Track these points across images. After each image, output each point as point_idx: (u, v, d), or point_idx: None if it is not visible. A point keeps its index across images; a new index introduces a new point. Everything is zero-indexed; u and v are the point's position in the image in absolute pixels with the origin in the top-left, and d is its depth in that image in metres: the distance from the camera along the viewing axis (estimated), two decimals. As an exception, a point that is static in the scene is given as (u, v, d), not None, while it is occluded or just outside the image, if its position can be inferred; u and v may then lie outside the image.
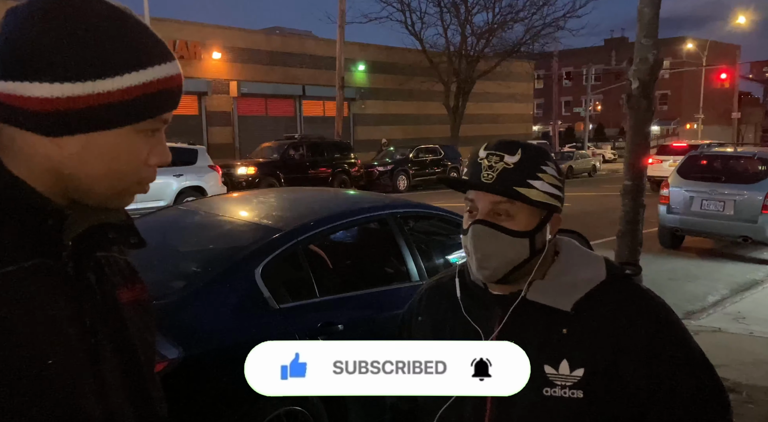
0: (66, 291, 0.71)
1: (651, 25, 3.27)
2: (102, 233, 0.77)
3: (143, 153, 0.74)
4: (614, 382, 1.00)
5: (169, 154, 0.77)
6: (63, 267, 0.72)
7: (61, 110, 0.67)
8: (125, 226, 0.81)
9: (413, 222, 3.93)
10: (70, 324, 0.70)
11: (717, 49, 46.08)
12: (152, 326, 0.87)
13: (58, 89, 0.66)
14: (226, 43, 22.12)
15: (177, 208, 4.44)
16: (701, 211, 8.49)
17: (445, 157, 21.39)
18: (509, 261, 1.03)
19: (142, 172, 0.75)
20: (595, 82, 44.74)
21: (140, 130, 0.72)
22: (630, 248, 3.38)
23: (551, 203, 1.05)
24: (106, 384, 0.73)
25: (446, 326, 1.14)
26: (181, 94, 0.76)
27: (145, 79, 0.70)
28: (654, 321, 1.04)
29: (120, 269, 0.83)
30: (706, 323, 5.33)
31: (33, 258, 0.68)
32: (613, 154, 39.02)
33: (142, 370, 0.80)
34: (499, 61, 27.02)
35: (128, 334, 0.79)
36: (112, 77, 0.68)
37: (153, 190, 3.59)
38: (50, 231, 0.71)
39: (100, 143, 0.70)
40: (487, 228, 1.03)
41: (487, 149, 1.05)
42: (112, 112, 0.69)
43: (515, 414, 1.02)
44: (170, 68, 0.74)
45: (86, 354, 0.71)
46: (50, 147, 0.69)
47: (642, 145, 3.40)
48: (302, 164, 17.10)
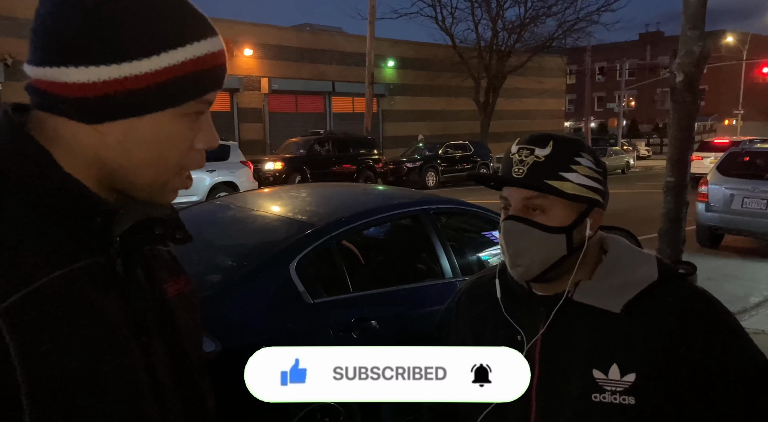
0: (117, 289, 0.69)
1: (697, 15, 3.16)
2: (149, 228, 0.75)
3: (188, 137, 0.70)
4: (669, 389, 0.94)
5: (217, 137, 0.74)
6: (112, 265, 0.70)
7: (100, 95, 0.64)
8: (171, 221, 0.79)
9: (445, 219, 3.89)
10: (124, 323, 0.69)
11: (758, 42, 44.59)
12: (197, 318, 0.85)
13: (95, 73, 0.64)
14: (257, 40, 22.33)
15: (211, 203, 4.48)
16: (742, 209, 8.23)
17: (475, 153, 21.22)
18: (544, 258, 0.99)
19: (189, 158, 0.72)
20: (629, 77, 43.76)
21: (184, 113, 0.69)
22: (673, 246, 3.28)
23: (590, 196, 1.00)
24: (159, 380, 0.72)
25: (487, 328, 1.10)
26: (225, 72, 0.72)
27: (185, 58, 0.67)
28: (711, 324, 0.98)
29: (165, 263, 0.81)
30: (747, 325, 5.17)
31: (85, 258, 0.66)
32: (647, 150, 38.16)
33: (191, 364, 0.79)
34: (530, 56, 26.63)
35: (177, 329, 0.78)
36: (149, 57, 0.65)
37: (187, 184, 3.49)
38: (99, 228, 0.69)
39: (142, 129, 0.67)
40: (519, 223, 0.99)
41: (518, 144, 1.02)
42: (152, 95, 0.66)
43: (562, 420, 0.98)
44: (212, 44, 0.69)
45: (140, 352, 0.70)
46: (93, 135, 0.67)
47: (686, 140, 3.29)
48: (328, 160, 17.20)
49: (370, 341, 2.89)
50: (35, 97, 0.68)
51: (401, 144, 24.50)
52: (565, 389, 0.98)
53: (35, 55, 0.67)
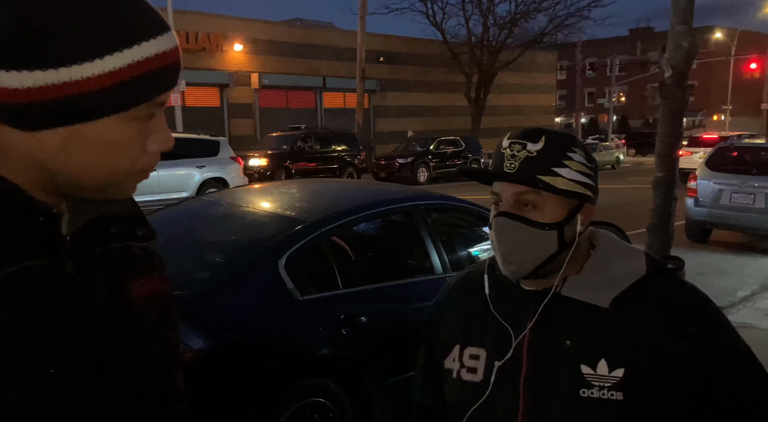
0: (64, 292, 0.65)
1: (686, 11, 3.16)
2: (103, 226, 0.71)
3: (138, 141, 0.65)
4: (657, 384, 0.94)
5: (171, 138, 0.68)
6: (61, 267, 0.65)
7: (37, 101, 0.59)
8: (130, 217, 0.74)
9: (436, 215, 3.89)
10: (66, 330, 0.64)
11: (747, 38, 44.93)
12: (172, 319, 0.80)
13: (29, 78, 0.58)
14: (248, 34, 22.20)
15: (200, 199, 4.45)
16: (730, 204, 8.30)
17: (467, 148, 21.24)
18: (536, 255, 0.98)
19: (141, 162, 0.66)
20: (620, 72, 43.93)
21: (133, 117, 0.63)
22: (662, 241, 3.30)
23: (581, 192, 0.99)
24: (111, 388, 0.67)
25: (476, 323, 1.09)
26: (178, 70, 0.66)
27: (132, 60, 0.61)
28: (699, 319, 0.98)
29: (135, 260, 0.75)
30: (735, 319, 5.21)
31: (21, 261, 0.62)
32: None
33: (158, 371, 0.74)
34: (521, 51, 26.69)
35: (141, 333, 0.73)
36: (91, 61, 0.59)
37: (175, 181, 3.66)
38: (43, 229, 0.64)
39: (86, 136, 0.62)
40: (511, 220, 0.98)
41: (510, 138, 1.01)
42: (95, 101, 0.60)
43: (550, 416, 0.97)
44: (162, 43, 0.64)
45: (87, 361, 0.65)
46: (31, 142, 0.61)
47: (675, 135, 3.30)
48: (311, 155, 17.29)
49: (360, 337, 2.88)
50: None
51: (393, 140, 24.47)
52: (554, 384, 0.98)
53: None
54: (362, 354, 2.88)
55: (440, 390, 1.14)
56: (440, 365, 1.13)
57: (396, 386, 2.95)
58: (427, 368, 1.21)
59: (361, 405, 2.89)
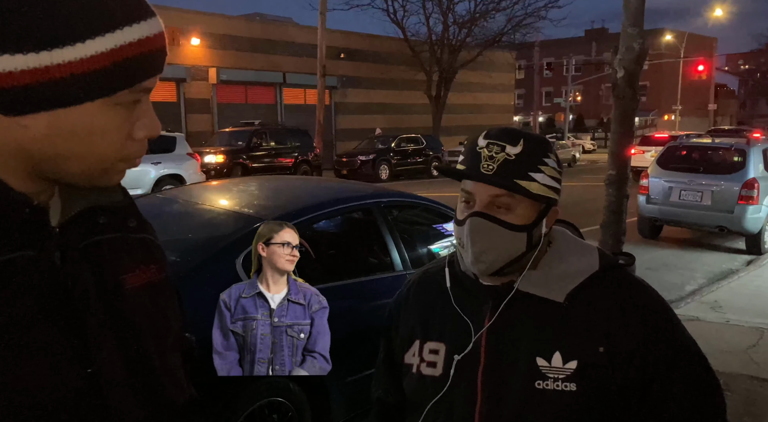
0: (51, 284, 0.64)
1: (637, 13, 3.26)
2: (92, 218, 0.70)
3: (124, 127, 0.65)
4: (608, 375, 0.97)
5: (158, 125, 0.69)
6: (49, 258, 0.65)
7: (20, 85, 0.58)
8: (120, 209, 0.73)
9: (397, 212, 3.90)
10: (54, 321, 0.64)
11: (695, 41, 46.72)
12: (170, 308, 0.80)
13: (10, 61, 0.58)
14: (205, 28, 21.74)
15: (155, 196, 4.34)
16: (679, 202, 8.61)
17: (427, 146, 21.39)
18: (506, 255, 1.00)
19: (127, 149, 0.66)
20: (576, 72, 45.04)
21: (117, 102, 0.63)
22: (614, 238, 3.39)
23: (550, 196, 1.01)
24: (103, 379, 0.67)
25: (436, 318, 1.11)
26: (164, 56, 0.67)
27: (116, 44, 0.61)
28: (647, 312, 1.02)
29: (130, 250, 0.75)
30: (683, 312, 5.42)
31: (8, 252, 0.61)
32: (593, 144, 39.41)
33: (152, 360, 0.74)
34: (480, 50, 27.01)
35: (133, 323, 0.72)
36: (72, 45, 0.59)
37: (130, 177, 3.55)
38: (30, 221, 0.64)
39: (71, 120, 0.62)
40: (486, 221, 0.99)
41: (487, 137, 1.01)
42: (78, 85, 0.60)
43: (507, 408, 0.99)
44: (147, 27, 0.64)
45: (76, 351, 0.65)
46: (14, 127, 0.61)
47: (626, 134, 3.40)
48: (266, 152, 17.11)
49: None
50: None
51: (354, 137, 24.42)
52: (510, 377, 1.00)
53: None
54: (322, 353, 2.86)
55: (400, 386, 1.15)
56: (400, 360, 1.14)
57: (355, 384, 2.94)
58: (387, 363, 1.22)
59: (320, 404, 2.87)
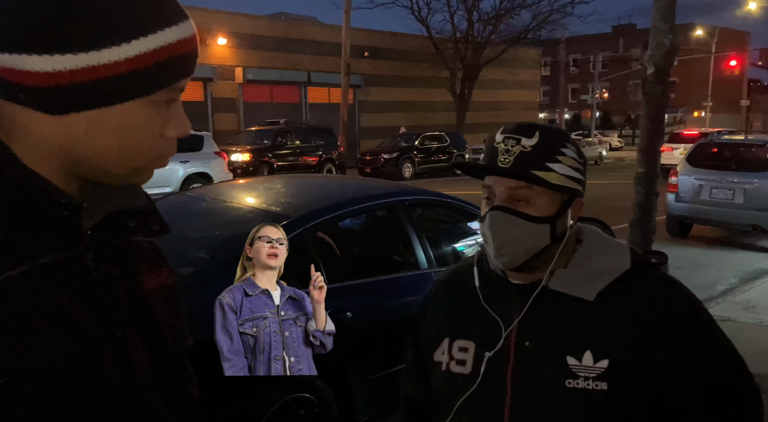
0: (86, 285, 0.66)
1: (668, 8, 3.20)
2: (121, 221, 0.72)
3: (159, 125, 0.67)
4: (640, 375, 0.96)
5: (189, 124, 0.71)
6: (81, 260, 0.67)
7: (65, 85, 0.60)
8: (145, 212, 0.76)
9: (421, 210, 3.90)
10: (92, 321, 0.66)
11: (726, 35, 45.59)
12: (181, 310, 0.83)
13: (60, 61, 0.60)
14: (232, 28, 21.99)
15: (184, 195, 4.41)
16: (710, 200, 8.43)
17: (451, 144, 21.30)
18: (529, 248, 1.00)
19: (159, 146, 0.69)
20: (603, 69, 44.34)
21: (154, 101, 0.66)
22: (643, 236, 3.34)
23: (572, 187, 1.01)
24: (136, 378, 0.69)
25: (464, 316, 1.11)
26: (196, 58, 0.69)
27: (156, 45, 0.63)
28: (682, 312, 1.00)
29: (144, 254, 0.78)
30: (714, 312, 5.28)
31: (50, 253, 0.63)
32: (620, 141, 38.80)
33: (173, 359, 0.77)
34: (505, 47, 26.79)
35: (157, 324, 0.75)
36: (118, 45, 0.61)
37: (159, 176, 3.59)
38: (67, 222, 0.66)
39: (110, 119, 0.64)
40: (505, 214, 0.99)
41: (503, 133, 1.01)
42: (121, 85, 0.62)
43: (536, 407, 0.99)
44: (183, 30, 0.66)
45: (112, 350, 0.67)
46: (56, 126, 0.63)
47: (656, 131, 3.34)
48: (291, 150, 17.27)
49: (345, 333, 2.88)
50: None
51: (378, 135, 24.43)
52: (540, 376, 0.99)
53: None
54: (347, 350, 2.88)
55: (428, 383, 1.15)
56: (429, 358, 1.15)
57: (380, 381, 2.95)
58: (415, 361, 1.22)
59: (345, 401, 2.89)
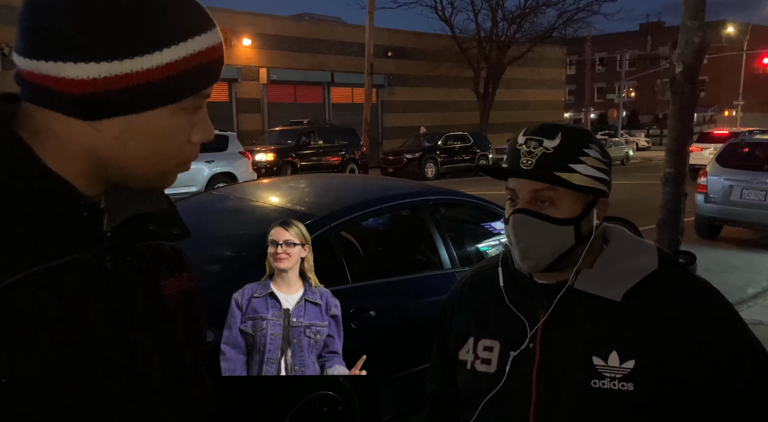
0: (103, 287, 0.68)
1: (697, 5, 3.14)
2: (141, 224, 0.73)
3: (185, 131, 0.69)
4: (667, 376, 0.95)
5: (213, 130, 0.73)
6: (101, 261, 0.68)
7: (99, 92, 0.62)
8: (166, 216, 0.77)
9: (444, 210, 3.89)
10: (107, 322, 0.67)
11: (759, 33, 44.46)
12: (199, 317, 0.83)
13: (95, 69, 0.61)
14: (256, 29, 22.21)
15: (209, 194, 4.48)
16: (741, 201, 8.24)
17: (474, 144, 21.19)
18: (554, 250, 0.99)
19: (185, 151, 0.71)
20: (629, 68, 43.63)
21: (182, 108, 0.68)
22: (671, 237, 3.29)
23: (596, 187, 1.00)
24: (146, 381, 0.70)
25: (489, 315, 1.11)
26: (222, 64, 0.71)
27: (185, 54, 0.65)
28: (710, 313, 0.99)
29: (165, 258, 0.79)
30: (745, 316, 5.16)
31: (68, 254, 0.65)
32: (647, 141, 38.14)
33: (186, 365, 0.77)
34: (530, 46, 26.55)
35: (172, 329, 0.76)
36: (150, 54, 0.63)
37: (185, 175, 3.61)
38: (86, 224, 0.67)
39: (140, 125, 0.66)
40: (530, 217, 0.99)
41: (526, 134, 1.01)
42: (152, 92, 0.64)
43: (562, 406, 0.98)
44: (211, 38, 0.68)
45: (124, 352, 0.68)
46: (88, 131, 0.65)
47: (685, 131, 3.29)
48: (315, 150, 17.41)
49: (369, 331, 2.90)
50: (25, 88, 0.66)
51: (401, 135, 24.44)
52: (565, 376, 0.99)
53: (26, 45, 0.64)
54: (371, 348, 2.89)
55: (454, 381, 1.16)
56: (454, 357, 1.15)
57: (403, 380, 2.96)
58: (441, 359, 1.23)
59: (369, 399, 2.91)
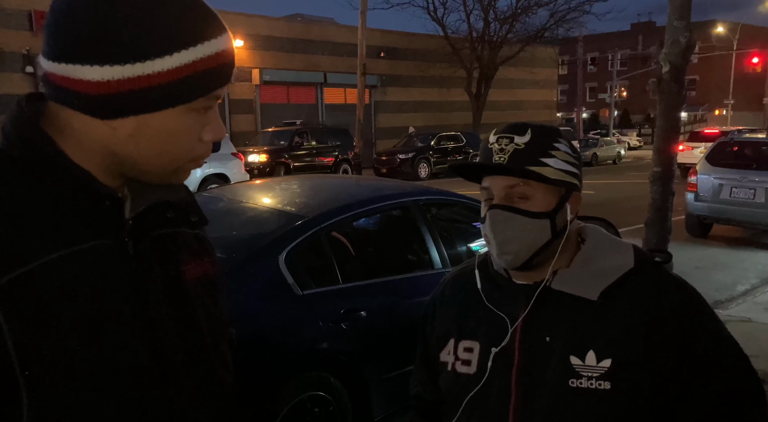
0: (125, 270, 0.72)
1: (684, 6, 3.17)
2: (161, 212, 0.78)
3: (197, 130, 0.74)
4: (643, 374, 0.97)
5: (224, 129, 0.77)
6: (123, 247, 0.73)
7: (114, 93, 0.67)
8: (185, 204, 0.81)
9: (436, 210, 3.91)
10: (127, 304, 0.71)
11: (748, 32, 44.72)
12: (221, 299, 0.87)
13: (109, 72, 0.66)
14: (248, 30, 22.14)
15: (201, 195, 4.47)
16: (730, 199, 8.30)
17: (467, 144, 21.22)
18: (530, 244, 1.01)
19: (197, 150, 0.75)
20: (621, 67, 43.80)
21: (193, 108, 0.71)
22: (659, 236, 3.32)
23: (568, 181, 1.02)
24: (165, 358, 0.74)
25: (470, 317, 1.12)
26: (233, 67, 0.74)
27: (197, 57, 0.69)
28: (685, 310, 1.00)
29: (188, 244, 0.83)
30: (735, 313, 5.22)
31: (90, 240, 0.69)
32: (639, 140, 38.30)
33: (206, 345, 0.81)
34: (522, 46, 26.60)
35: (192, 310, 0.79)
36: (162, 57, 0.67)
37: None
38: (108, 212, 0.72)
39: (153, 124, 0.70)
40: (505, 211, 1.00)
41: (496, 134, 1.04)
42: (164, 93, 0.68)
43: (541, 407, 1.00)
44: (222, 42, 0.72)
45: (144, 329, 0.72)
46: (104, 129, 0.70)
47: (672, 130, 3.32)
48: (308, 151, 17.41)
49: (359, 332, 2.91)
50: (50, 89, 0.70)
51: (394, 135, 24.44)
52: (544, 375, 1.01)
53: (50, 49, 0.68)
54: (361, 349, 2.91)
55: (436, 382, 1.17)
56: (436, 358, 1.16)
57: (394, 380, 2.97)
58: (423, 361, 1.24)
59: (360, 399, 2.92)
